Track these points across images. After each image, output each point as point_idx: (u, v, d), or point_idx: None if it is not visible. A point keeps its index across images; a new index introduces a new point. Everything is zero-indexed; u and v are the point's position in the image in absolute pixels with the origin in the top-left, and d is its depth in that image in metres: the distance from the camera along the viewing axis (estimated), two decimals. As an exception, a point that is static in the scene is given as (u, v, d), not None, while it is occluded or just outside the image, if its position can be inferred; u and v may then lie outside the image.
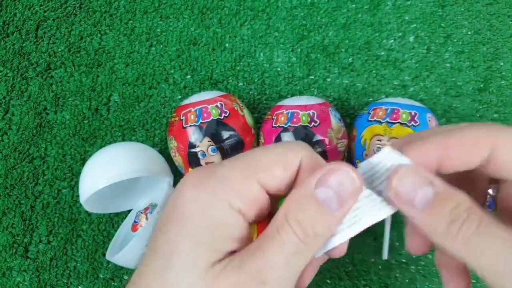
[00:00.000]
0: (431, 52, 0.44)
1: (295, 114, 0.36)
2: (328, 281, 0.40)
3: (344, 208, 0.19)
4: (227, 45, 0.45)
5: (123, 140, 0.44)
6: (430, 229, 0.19)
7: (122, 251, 0.36)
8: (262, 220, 0.22)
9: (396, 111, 0.36)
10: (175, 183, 0.40)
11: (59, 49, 0.46)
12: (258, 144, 0.39)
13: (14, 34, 0.46)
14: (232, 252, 0.19)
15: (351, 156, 0.39)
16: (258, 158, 0.20)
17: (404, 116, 0.35)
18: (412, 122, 0.35)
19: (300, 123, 0.36)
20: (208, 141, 0.36)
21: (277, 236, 0.19)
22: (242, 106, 0.39)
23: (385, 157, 0.21)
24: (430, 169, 0.20)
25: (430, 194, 0.19)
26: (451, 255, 0.20)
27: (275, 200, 0.22)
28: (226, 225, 0.19)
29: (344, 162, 0.20)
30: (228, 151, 0.36)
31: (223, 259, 0.19)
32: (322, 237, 0.19)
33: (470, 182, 0.23)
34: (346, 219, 0.20)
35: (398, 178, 0.20)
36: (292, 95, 0.44)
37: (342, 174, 0.19)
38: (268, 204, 0.21)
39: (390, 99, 0.38)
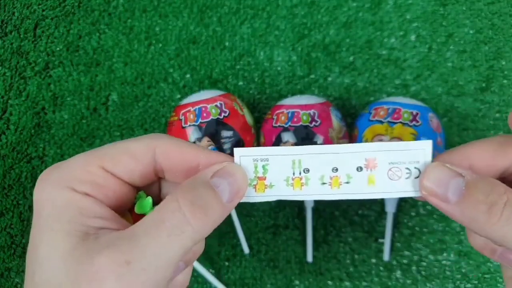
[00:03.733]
0: (433, 51, 0.43)
1: (296, 114, 0.36)
2: (329, 282, 0.40)
3: (233, 202, 0.20)
4: (226, 44, 0.45)
5: (122, 140, 0.44)
6: (469, 219, 0.19)
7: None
8: (132, 209, 0.22)
9: (397, 110, 0.35)
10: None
11: (58, 48, 0.46)
12: (258, 144, 0.39)
13: (12, 33, 0.46)
14: (109, 231, 0.19)
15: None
16: (105, 148, 0.21)
17: (405, 115, 0.35)
18: (414, 122, 0.35)
19: (301, 123, 0.35)
20: (208, 141, 0.35)
21: (157, 217, 0.18)
22: (242, 106, 0.38)
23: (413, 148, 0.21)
24: (489, 167, 0.20)
25: (461, 184, 0.19)
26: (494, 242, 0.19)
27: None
28: (73, 206, 0.19)
29: (231, 159, 0.21)
30: (228, 151, 0.36)
31: (90, 239, 0.18)
32: (209, 222, 0.19)
33: None
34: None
35: (426, 176, 0.20)
36: (293, 95, 0.43)
37: (236, 170, 0.21)
38: (128, 192, 0.21)
39: (391, 99, 0.37)
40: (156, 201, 0.22)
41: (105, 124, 0.44)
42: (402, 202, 0.41)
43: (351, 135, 0.38)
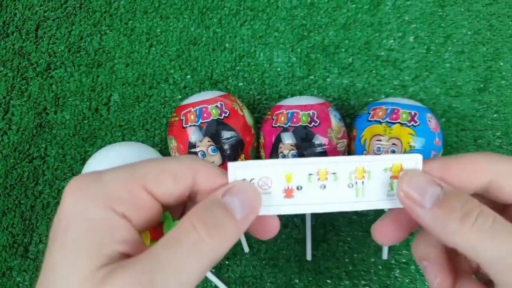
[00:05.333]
0: (431, 52, 0.44)
1: (295, 114, 0.36)
2: (328, 281, 0.40)
3: (248, 218, 0.20)
4: (227, 45, 0.45)
5: (123, 140, 0.44)
6: (440, 225, 0.19)
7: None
8: (154, 227, 0.22)
9: (396, 111, 0.36)
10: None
11: (59, 49, 0.46)
12: (258, 144, 0.40)
13: (14, 34, 0.46)
14: (127, 256, 0.19)
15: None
16: (146, 166, 0.20)
17: (404, 116, 0.35)
18: (412, 122, 0.35)
19: (300, 123, 0.36)
20: (208, 141, 0.36)
21: (175, 237, 0.18)
22: (242, 106, 0.39)
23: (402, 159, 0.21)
24: None
25: (439, 192, 0.20)
26: (441, 249, 0.21)
27: (167, 209, 0.22)
28: (107, 228, 0.18)
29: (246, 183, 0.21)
30: (228, 151, 0.36)
31: (111, 263, 0.18)
32: (224, 239, 0.19)
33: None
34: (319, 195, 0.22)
35: (407, 180, 0.21)
36: (292, 95, 0.44)
37: (246, 187, 0.21)
38: (158, 212, 0.21)
39: (390, 99, 0.38)
40: None
41: (107, 125, 0.44)
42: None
43: (350, 136, 0.39)
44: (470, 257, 0.19)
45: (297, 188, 0.22)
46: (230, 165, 0.21)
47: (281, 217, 0.22)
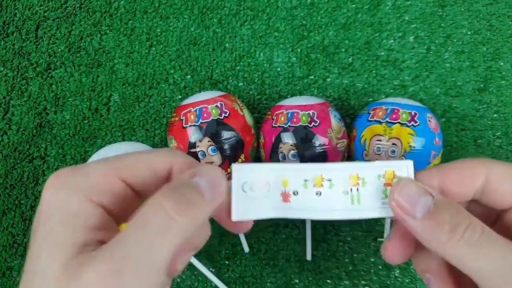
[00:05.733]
0: (431, 52, 0.44)
1: (295, 114, 0.36)
2: (328, 281, 0.40)
3: (215, 200, 0.20)
4: (227, 45, 0.45)
5: (123, 140, 0.44)
6: (430, 236, 0.19)
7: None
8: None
9: (396, 111, 0.36)
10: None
11: (59, 49, 0.46)
12: (258, 144, 0.40)
13: (14, 34, 0.46)
14: (103, 243, 0.19)
15: (351, 156, 0.39)
16: (123, 158, 0.21)
17: (404, 116, 0.35)
18: (412, 122, 0.35)
19: (300, 123, 0.36)
20: (208, 141, 0.36)
21: (141, 218, 0.18)
22: (242, 106, 0.39)
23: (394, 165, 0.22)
24: None
25: (430, 202, 0.20)
26: (443, 261, 0.21)
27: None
28: (83, 217, 0.19)
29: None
30: (228, 151, 0.36)
31: (86, 252, 0.18)
32: (195, 216, 0.19)
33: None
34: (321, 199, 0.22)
35: (398, 190, 0.21)
36: (292, 95, 0.44)
37: (212, 169, 0.21)
38: (137, 203, 0.21)
39: (390, 99, 0.38)
40: None
41: (107, 125, 0.44)
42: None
43: (350, 136, 0.39)
44: (460, 269, 0.19)
45: (294, 193, 0.22)
46: (234, 167, 0.22)
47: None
